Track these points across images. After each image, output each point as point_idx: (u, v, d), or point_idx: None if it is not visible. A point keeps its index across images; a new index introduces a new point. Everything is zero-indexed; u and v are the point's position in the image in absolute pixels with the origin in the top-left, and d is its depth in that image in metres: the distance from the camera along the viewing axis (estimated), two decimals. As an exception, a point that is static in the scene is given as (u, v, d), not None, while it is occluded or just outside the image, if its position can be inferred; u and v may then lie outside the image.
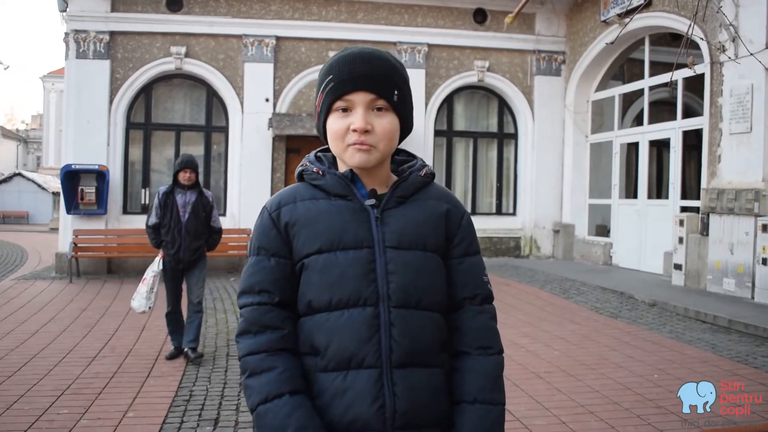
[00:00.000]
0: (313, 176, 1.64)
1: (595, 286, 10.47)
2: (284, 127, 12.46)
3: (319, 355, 1.54)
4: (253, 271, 1.60)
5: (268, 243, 1.60)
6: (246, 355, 1.55)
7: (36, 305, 9.00)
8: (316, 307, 1.55)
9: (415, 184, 1.64)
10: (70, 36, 12.33)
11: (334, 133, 1.59)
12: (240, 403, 4.98)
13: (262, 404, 1.50)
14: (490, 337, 1.64)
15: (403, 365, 1.52)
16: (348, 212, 1.58)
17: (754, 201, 9.15)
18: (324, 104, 1.60)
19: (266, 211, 1.64)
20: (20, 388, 5.25)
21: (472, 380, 1.59)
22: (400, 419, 1.50)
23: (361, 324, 1.52)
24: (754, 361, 6.28)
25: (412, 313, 1.55)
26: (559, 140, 14.12)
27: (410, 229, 1.59)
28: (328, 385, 1.52)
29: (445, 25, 13.60)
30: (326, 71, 1.59)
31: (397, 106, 1.58)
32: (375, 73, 1.56)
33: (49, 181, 37.88)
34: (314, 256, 1.56)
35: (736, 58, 9.14)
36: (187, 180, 6.25)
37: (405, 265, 1.56)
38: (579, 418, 4.71)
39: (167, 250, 6.20)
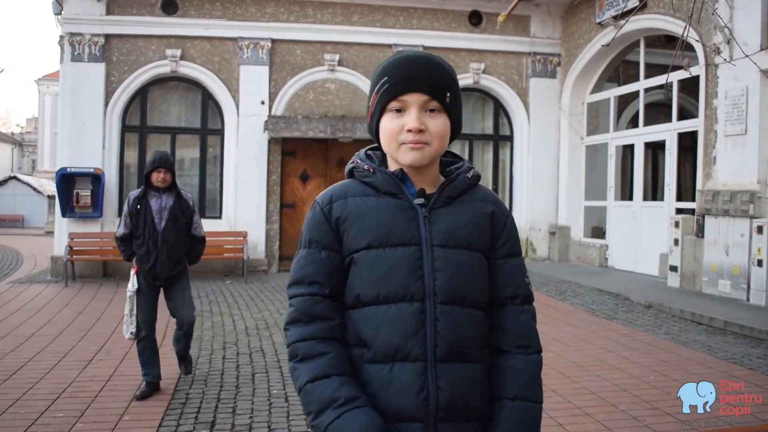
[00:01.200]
0: (364, 173, 1.68)
1: (590, 287, 10.48)
2: (280, 130, 12.46)
3: (366, 346, 1.59)
4: (305, 263, 1.65)
5: (320, 236, 1.65)
6: (296, 342, 1.61)
7: (31, 309, 8.98)
8: (364, 300, 1.61)
9: (462, 186, 1.70)
10: (65, 39, 12.31)
11: (388, 133, 1.64)
12: (236, 406, 4.97)
13: (310, 383, 1.56)
14: (530, 337, 1.70)
15: (447, 359, 1.58)
16: (397, 210, 1.63)
17: (749, 203, 9.17)
18: (378, 104, 1.65)
19: (318, 205, 1.68)
20: (16, 391, 5.23)
21: (512, 378, 1.64)
22: (442, 412, 1.56)
23: (408, 318, 1.57)
24: (749, 362, 6.30)
25: (457, 309, 1.60)
26: (555, 142, 14.14)
27: (457, 228, 1.64)
28: (374, 375, 1.58)
29: (441, 27, 13.61)
30: (381, 73, 1.65)
31: (448, 107, 1.65)
32: (429, 75, 1.62)
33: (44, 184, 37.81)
34: (363, 251, 1.61)
35: (730, 60, 9.15)
36: (162, 181, 5.35)
37: (451, 263, 1.61)
38: (575, 420, 4.72)
39: (142, 264, 5.31)
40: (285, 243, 13.13)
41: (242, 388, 5.43)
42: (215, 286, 11.13)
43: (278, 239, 13.03)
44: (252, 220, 12.74)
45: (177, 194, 5.44)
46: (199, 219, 5.64)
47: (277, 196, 13.03)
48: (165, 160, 5.36)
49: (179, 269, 5.47)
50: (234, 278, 12.14)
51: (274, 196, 13.00)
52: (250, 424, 4.61)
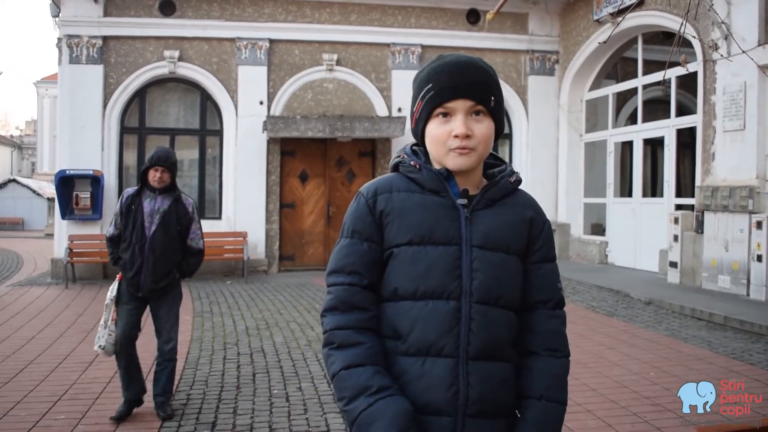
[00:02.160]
0: (410, 169, 1.70)
1: (590, 284, 10.49)
2: (279, 130, 12.45)
3: (400, 339, 1.63)
4: (346, 252, 1.68)
5: (363, 228, 1.67)
6: (333, 329, 1.63)
7: (32, 311, 8.98)
8: (401, 294, 1.64)
9: (504, 189, 1.73)
10: (63, 41, 12.31)
11: (435, 138, 1.66)
12: (237, 407, 4.98)
13: (344, 369, 1.59)
14: (559, 341, 1.75)
15: (479, 357, 1.62)
16: (440, 208, 1.66)
17: (748, 198, 9.17)
18: (423, 111, 1.67)
19: (363, 197, 1.70)
20: (17, 394, 5.24)
21: (540, 379, 1.69)
22: (472, 407, 1.60)
23: (444, 315, 1.61)
24: (750, 357, 6.30)
25: (491, 309, 1.64)
26: (554, 140, 14.14)
27: (496, 231, 1.67)
28: (407, 368, 1.61)
29: (439, 26, 13.61)
30: (424, 80, 1.68)
31: (493, 110, 1.67)
32: (473, 81, 1.64)
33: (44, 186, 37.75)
34: (405, 246, 1.64)
35: (728, 56, 9.15)
36: (158, 181, 4.76)
37: (489, 265, 1.64)
38: (576, 416, 4.72)
39: (124, 272, 4.75)
40: (285, 243, 13.13)
41: (243, 389, 5.44)
42: (215, 287, 11.13)
43: (278, 239, 13.04)
44: (252, 221, 12.74)
45: (176, 198, 4.85)
46: (199, 229, 4.97)
47: (277, 196, 13.03)
48: (164, 158, 4.76)
49: (167, 282, 4.80)
50: (234, 279, 12.15)
51: (274, 196, 13.00)
52: (251, 425, 4.61)
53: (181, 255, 4.88)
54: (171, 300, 4.89)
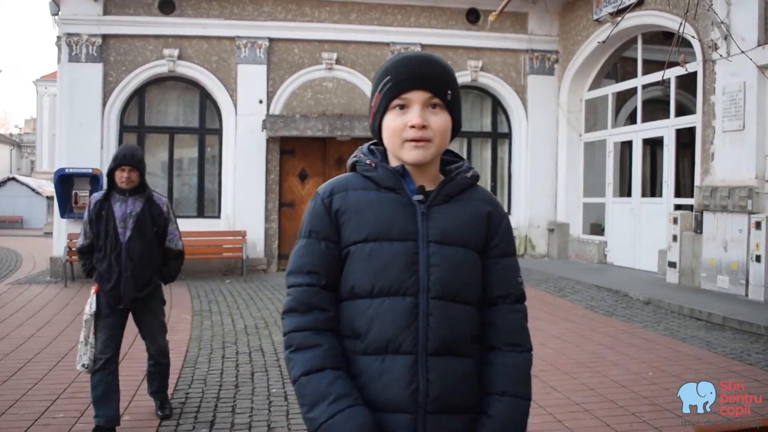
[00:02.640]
0: (366, 168, 1.71)
1: (589, 284, 10.49)
2: (278, 129, 12.45)
3: (359, 338, 1.62)
4: (303, 252, 1.68)
5: (320, 227, 1.67)
6: (292, 332, 1.64)
7: (31, 309, 8.98)
8: (358, 292, 1.63)
9: (461, 185, 1.73)
10: (63, 39, 12.31)
11: (391, 130, 1.67)
12: (236, 405, 4.98)
13: (304, 375, 1.59)
14: (521, 336, 1.74)
15: (438, 353, 1.61)
16: (396, 205, 1.66)
17: (747, 198, 9.18)
18: (381, 103, 1.68)
19: (319, 197, 1.71)
20: (15, 392, 5.24)
21: (502, 374, 1.68)
22: (432, 403, 1.60)
23: (401, 312, 1.60)
24: (748, 357, 6.31)
25: (449, 305, 1.63)
26: (553, 139, 14.14)
27: (454, 226, 1.67)
28: (366, 367, 1.61)
29: (438, 25, 13.61)
30: (383, 73, 1.69)
31: (450, 105, 1.68)
32: (431, 73, 1.66)
33: (43, 185, 37.72)
34: (361, 244, 1.64)
35: (728, 56, 9.15)
36: (126, 182, 4.39)
37: (446, 260, 1.64)
38: (574, 416, 4.73)
39: (102, 284, 4.40)
40: (284, 242, 13.13)
41: (242, 387, 5.44)
42: (214, 286, 11.13)
43: (277, 238, 13.03)
44: (251, 220, 12.74)
45: (148, 198, 4.49)
46: (176, 229, 4.65)
47: (276, 195, 13.03)
48: (130, 156, 4.39)
49: (149, 290, 4.51)
50: (233, 277, 12.15)
51: (273, 195, 13.00)
52: (249, 423, 4.61)
53: (161, 259, 4.58)
54: (155, 306, 4.64)
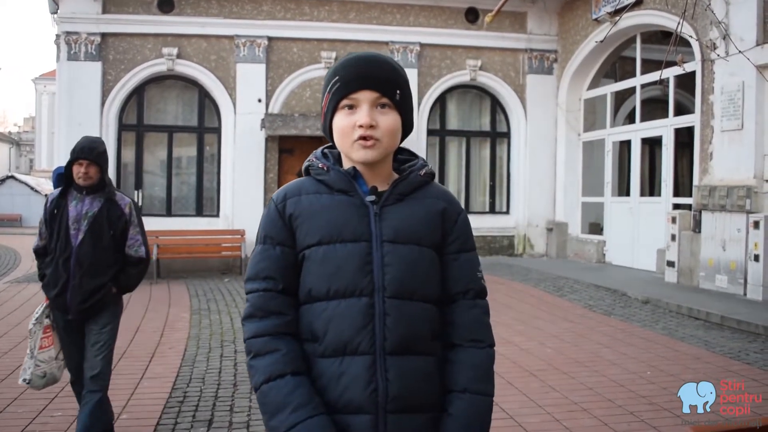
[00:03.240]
0: (318, 171, 1.71)
1: (588, 283, 10.49)
2: (277, 128, 12.46)
3: (317, 341, 1.62)
4: (259, 258, 1.68)
5: (275, 232, 1.68)
6: (251, 338, 1.63)
7: (29, 308, 8.95)
8: (315, 296, 1.63)
9: (414, 183, 1.72)
10: (62, 38, 12.30)
11: (341, 130, 1.66)
12: (234, 404, 4.98)
13: (265, 383, 1.59)
14: (481, 331, 1.72)
15: (396, 352, 1.60)
16: (349, 207, 1.66)
17: (745, 198, 9.18)
18: (330, 103, 1.68)
19: (273, 202, 1.72)
20: (13, 391, 5.23)
21: (462, 371, 1.67)
22: (392, 403, 1.59)
23: (357, 313, 1.60)
24: (746, 357, 6.31)
25: (406, 303, 1.63)
26: (552, 139, 14.15)
27: (407, 224, 1.66)
28: (325, 369, 1.60)
29: (437, 25, 13.61)
30: (332, 73, 1.68)
31: (399, 104, 1.67)
32: (379, 73, 1.66)
33: (42, 183, 37.67)
34: (315, 247, 1.64)
35: (726, 55, 9.17)
36: (83, 178, 3.86)
37: (400, 259, 1.63)
38: (572, 415, 4.73)
39: (47, 291, 3.93)
40: (283, 241, 13.12)
41: (240, 386, 5.43)
42: (213, 284, 11.12)
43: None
44: (249, 218, 12.71)
45: (108, 198, 3.92)
46: (139, 233, 4.00)
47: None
48: (88, 149, 3.86)
49: (99, 300, 3.89)
50: (232, 276, 12.14)
51: (272, 194, 12.97)
52: (247, 422, 4.61)
53: (117, 267, 3.97)
54: (106, 317, 3.96)
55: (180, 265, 12.46)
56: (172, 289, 10.61)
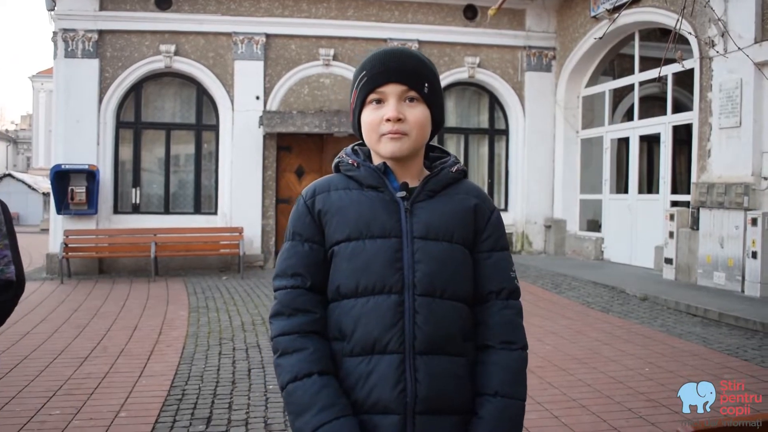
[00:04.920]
0: (348, 167, 1.70)
1: (586, 280, 10.50)
2: (275, 125, 12.44)
3: (345, 339, 1.59)
4: (287, 255, 1.67)
5: (303, 229, 1.66)
6: (278, 336, 1.63)
7: (27, 306, 8.96)
8: (343, 292, 1.61)
9: (446, 180, 1.69)
10: (59, 35, 12.26)
11: (368, 125, 1.65)
12: (232, 402, 4.98)
13: (291, 382, 1.56)
14: (514, 333, 1.68)
15: (426, 352, 1.57)
16: (379, 203, 1.63)
17: (743, 195, 9.19)
18: (358, 99, 1.67)
19: (302, 198, 1.70)
20: (11, 389, 5.22)
21: (494, 374, 1.63)
22: (420, 404, 1.55)
23: (386, 311, 1.57)
24: (744, 353, 6.32)
25: (437, 301, 1.59)
26: (550, 136, 14.14)
27: (438, 221, 1.64)
28: (353, 368, 1.58)
29: (435, 22, 13.59)
30: (360, 69, 1.68)
31: (427, 98, 1.65)
32: (406, 66, 1.64)
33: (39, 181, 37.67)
34: (343, 243, 1.62)
35: (725, 53, 9.16)
36: None
37: (431, 256, 1.61)
38: (571, 412, 4.73)
39: None
40: (281, 239, 13.07)
41: (238, 384, 5.43)
42: (211, 282, 11.12)
43: (274, 235, 13.03)
44: (248, 216, 12.73)
45: None
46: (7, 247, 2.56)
47: (273, 191, 13.01)
48: None
49: None
50: (230, 274, 12.14)
51: (270, 192, 12.98)
52: (246, 420, 4.61)
53: None
54: None
55: (178, 262, 12.45)
56: (170, 287, 10.60)
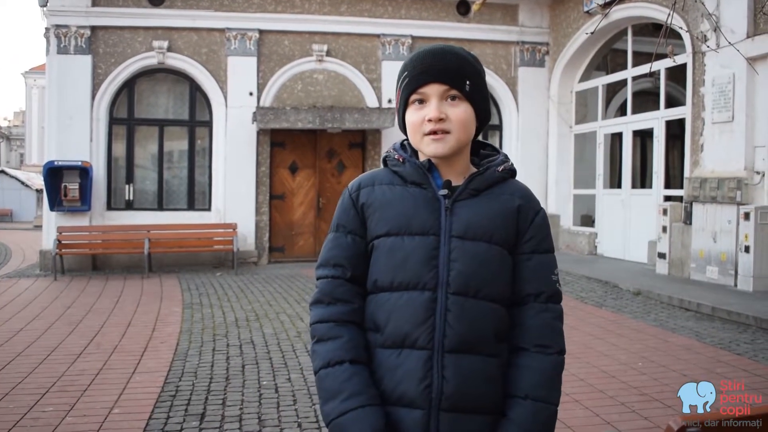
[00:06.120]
0: (395, 162, 1.71)
1: (580, 275, 10.53)
2: (268, 121, 12.41)
3: (379, 331, 1.63)
4: (331, 246, 1.70)
5: (347, 221, 1.70)
6: (316, 323, 1.66)
7: (20, 303, 8.94)
8: (380, 286, 1.64)
9: (491, 179, 1.69)
10: (51, 31, 12.21)
11: (412, 125, 1.66)
12: (226, 398, 4.98)
13: (324, 368, 1.61)
14: (551, 336, 1.66)
15: (456, 350, 1.58)
16: (421, 200, 1.65)
17: (736, 189, 9.22)
18: (402, 99, 1.68)
19: (348, 191, 1.73)
20: (4, 386, 5.21)
21: (526, 377, 1.62)
22: (446, 401, 1.57)
23: (418, 306, 1.59)
24: (737, 347, 6.35)
25: (470, 301, 1.60)
26: (544, 131, 14.16)
27: (478, 221, 1.64)
28: (383, 360, 1.61)
29: (429, 17, 13.58)
30: (402, 69, 1.69)
31: (470, 95, 1.65)
32: (446, 65, 1.64)
33: (32, 178, 37.52)
34: (383, 237, 1.65)
35: (717, 47, 9.18)
36: None
37: (468, 255, 1.61)
38: (564, 406, 4.74)
39: None
40: (275, 234, 13.12)
41: (232, 380, 5.43)
42: (205, 279, 11.11)
43: (268, 231, 13.02)
44: (241, 212, 12.71)
45: None
46: None
47: (267, 187, 13.00)
48: None
49: None
50: (224, 270, 12.12)
51: (264, 188, 12.97)
52: (240, 416, 4.61)
53: None
54: None
55: (172, 259, 12.43)
56: (163, 284, 10.59)
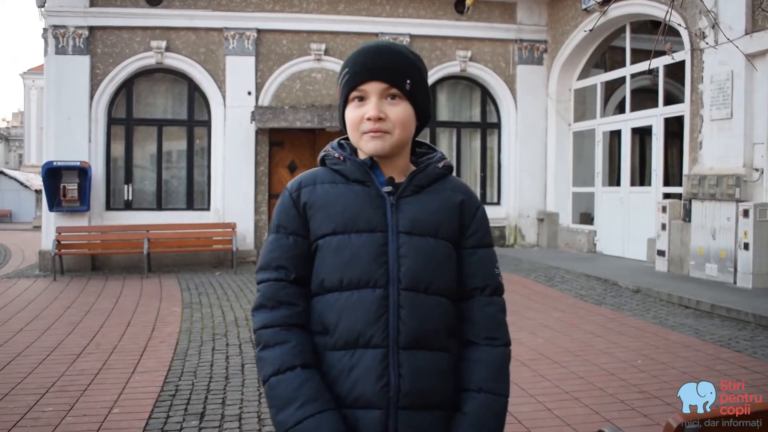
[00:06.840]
0: (334, 161, 1.69)
1: (579, 273, 10.53)
2: (267, 120, 12.41)
3: (328, 333, 1.59)
4: (272, 248, 1.65)
5: (288, 222, 1.66)
6: (261, 328, 1.60)
7: (20, 303, 8.94)
8: (327, 286, 1.60)
9: (432, 175, 1.69)
10: (49, 32, 12.20)
11: (351, 122, 1.65)
12: (226, 397, 4.98)
13: (274, 375, 1.55)
14: (497, 329, 1.68)
15: (410, 347, 1.57)
16: (365, 197, 1.63)
17: (735, 186, 9.22)
18: (342, 96, 1.67)
19: (287, 191, 1.69)
20: (4, 386, 5.21)
21: (477, 370, 1.63)
22: (404, 399, 1.55)
23: (371, 304, 1.57)
24: (736, 344, 6.35)
25: (421, 296, 1.59)
26: (542, 129, 14.16)
27: (424, 216, 1.63)
28: (335, 362, 1.57)
29: (427, 16, 13.58)
30: (343, 66, 1.67)
31: (410, 94, 1.63)
32: (387, 63, 1.62)
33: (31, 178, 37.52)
34: (329, 236, 1.61)
35: (715, 44, 9.18)
36: None
37: (417, 250, 1.61)
38: (564, 404, 4.75)
39: None
40: (274, 234, 13.10)
41: (232, 379, 5.43)
42: (204, 278, 11.10)
43: (267, 230, 13.01)
44: (240, 212, 12.71)
45: None
46: None
47: (266, 186, 13.00)
48: None
49: None
50: (223, 270, 12.12)
51: (263, 187, 12.97)
52: (239, 415, 4.61)
53: None
54: None
55: (171, 258, 12.43)
56: (163, 283, 10.59)
